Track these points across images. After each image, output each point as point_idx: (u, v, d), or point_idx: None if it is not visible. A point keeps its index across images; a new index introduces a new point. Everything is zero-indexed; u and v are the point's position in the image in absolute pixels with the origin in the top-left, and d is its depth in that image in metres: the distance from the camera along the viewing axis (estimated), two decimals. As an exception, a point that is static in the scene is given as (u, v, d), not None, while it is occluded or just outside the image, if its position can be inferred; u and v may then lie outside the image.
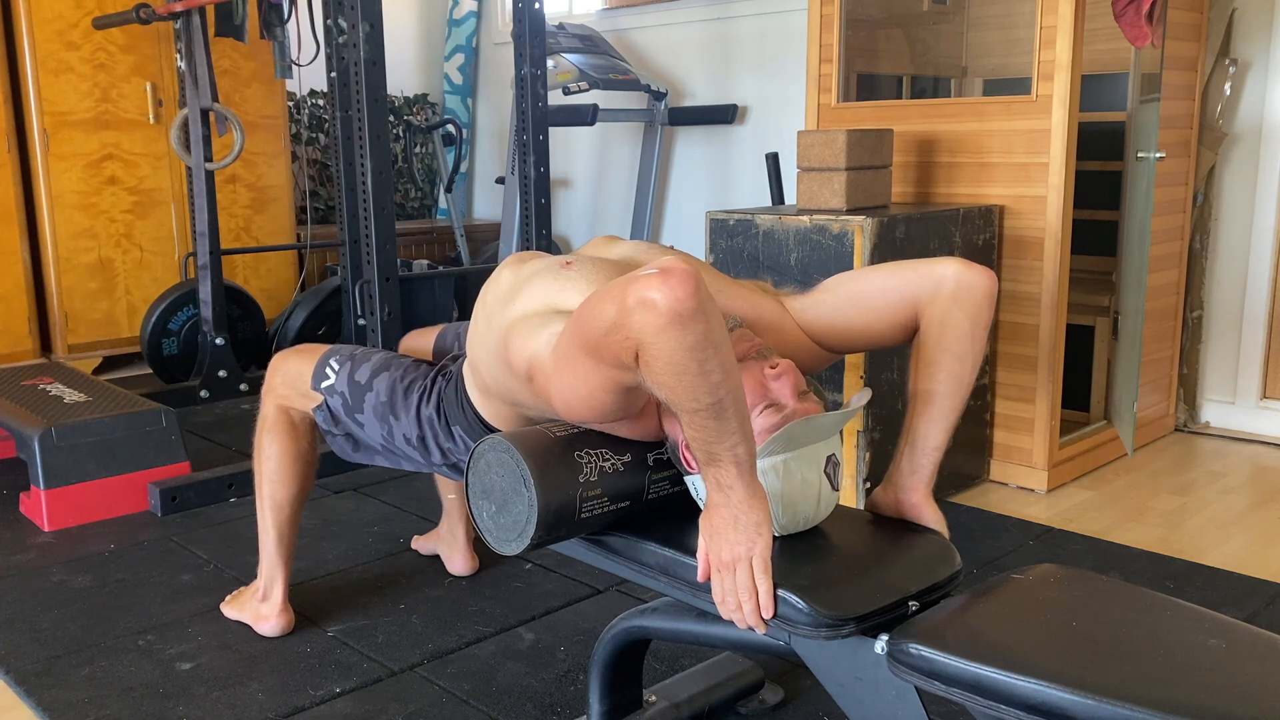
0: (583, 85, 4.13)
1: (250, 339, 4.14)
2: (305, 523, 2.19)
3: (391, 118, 5.30)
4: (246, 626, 2.09)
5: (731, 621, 1.26)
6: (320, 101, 5.31)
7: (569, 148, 5.12)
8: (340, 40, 3.12)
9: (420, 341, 2.11)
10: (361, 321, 2.94)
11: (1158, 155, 2.85)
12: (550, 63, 4.14)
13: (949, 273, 1.44)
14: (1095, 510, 2.75)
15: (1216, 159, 3.30)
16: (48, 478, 2.62)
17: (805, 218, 2.60)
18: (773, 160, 3.36)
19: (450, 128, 4.90)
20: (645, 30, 4.72)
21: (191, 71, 3.55)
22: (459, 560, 2.33)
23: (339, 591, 2.27)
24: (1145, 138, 2.87)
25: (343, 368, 1.86)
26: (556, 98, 4.08)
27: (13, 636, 2.07)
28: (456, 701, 1.82)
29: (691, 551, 1.30)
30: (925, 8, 3.46)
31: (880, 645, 1.21)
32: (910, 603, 1.26)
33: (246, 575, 2.29)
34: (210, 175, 3.64)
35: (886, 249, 2.54)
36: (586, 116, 4.23)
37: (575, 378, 1.26)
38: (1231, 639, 1.14)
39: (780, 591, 1.22)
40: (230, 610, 2.14)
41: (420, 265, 4.11)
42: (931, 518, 1.44)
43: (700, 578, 1.27)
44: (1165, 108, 3.01)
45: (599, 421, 1.38)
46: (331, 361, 1.89)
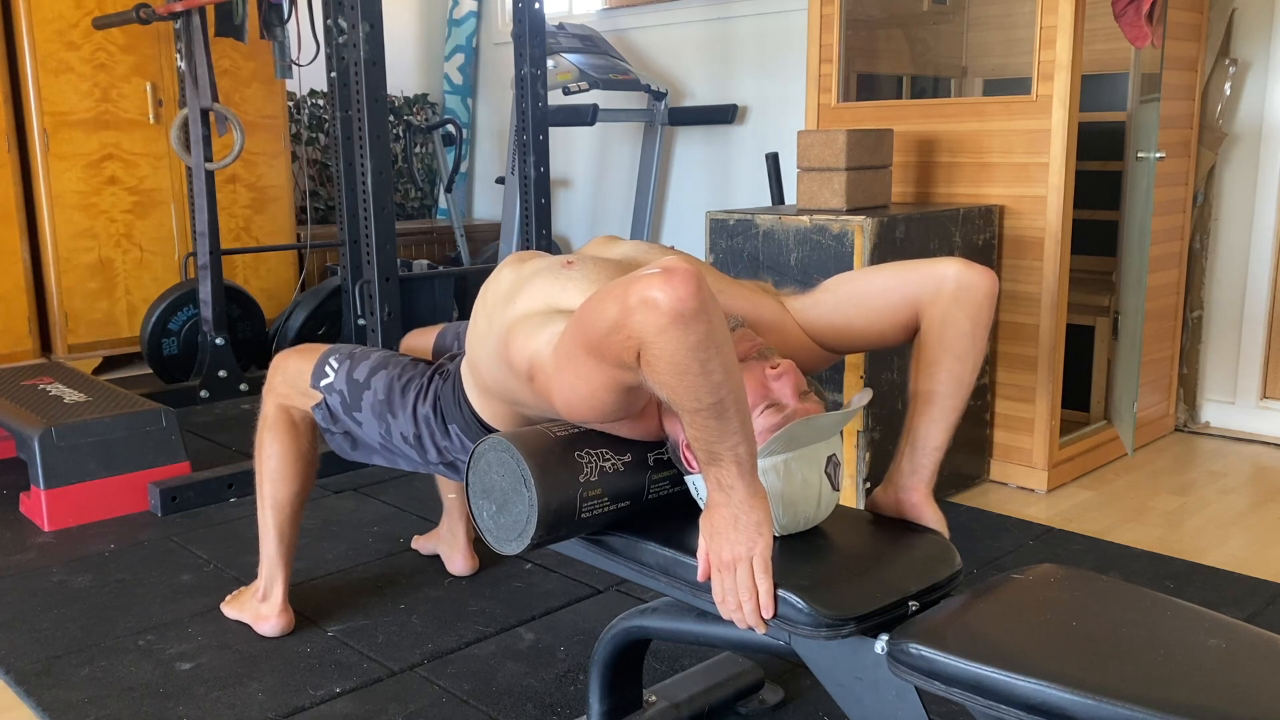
0: (583, 85, 4.13)
1: (250, 339, 4.14)
2: (305, 523, 2.19)
3: (391, 118, 5.30)
4: (246, 626, 2.09)
5: (731, 621, 1.26)
6: (320, 101, 5.30)
7: (569, 148, 5.12)
8: (340, 40, 3.12)
9: (420, 341, 2.12)
10: (361, 321, 2.94)
11: (1158, 155, 2.85)
12: (550, 63, 4.14)
13: (950, 273, 1.44)
14: (1095, 510, 2.75)
15: (1216, 159, 3.30)
16: (48, 478, 2.62)
17: (805, 218, 2.60)
18: (773, 160, 3.36)
19: (450, 128, 4.90)
20: (645, 30, 4.72)
21: (191, 71, 3.55)
22: (459, 560, 2.33)
23: (339, 591, 2.27)
24: (1145, 138, 2.87)
25: (341, 366, 1.86)
26: (556, 98, 4.08)
27: (13, 636, 2.07)
28: (456, 701, 1.82)
29: (691, 551, 1.30)
30: (925, 8, 3.46)
31: (880, 645, 1.21)
32: (910, 603, 1.26)
33: (246, 575, 2.29)
34: (210, 175, 3.64)
35: (886, 249, 2.54)
36: (586, 116, 4.23)
37: (576, 377, 1.26)
38: (1231, 639, 1.14)
39: (780, 591, 1.22)
40: (230, 610, 2.14)
41: (420, 265, 4.11)
42: (932, 518, 1.45)
43: (700, 577, 1.27)
44: (1165, 108, 3.01)
45: (600, 421, 1.38)
46: (331, 360, 1.89)
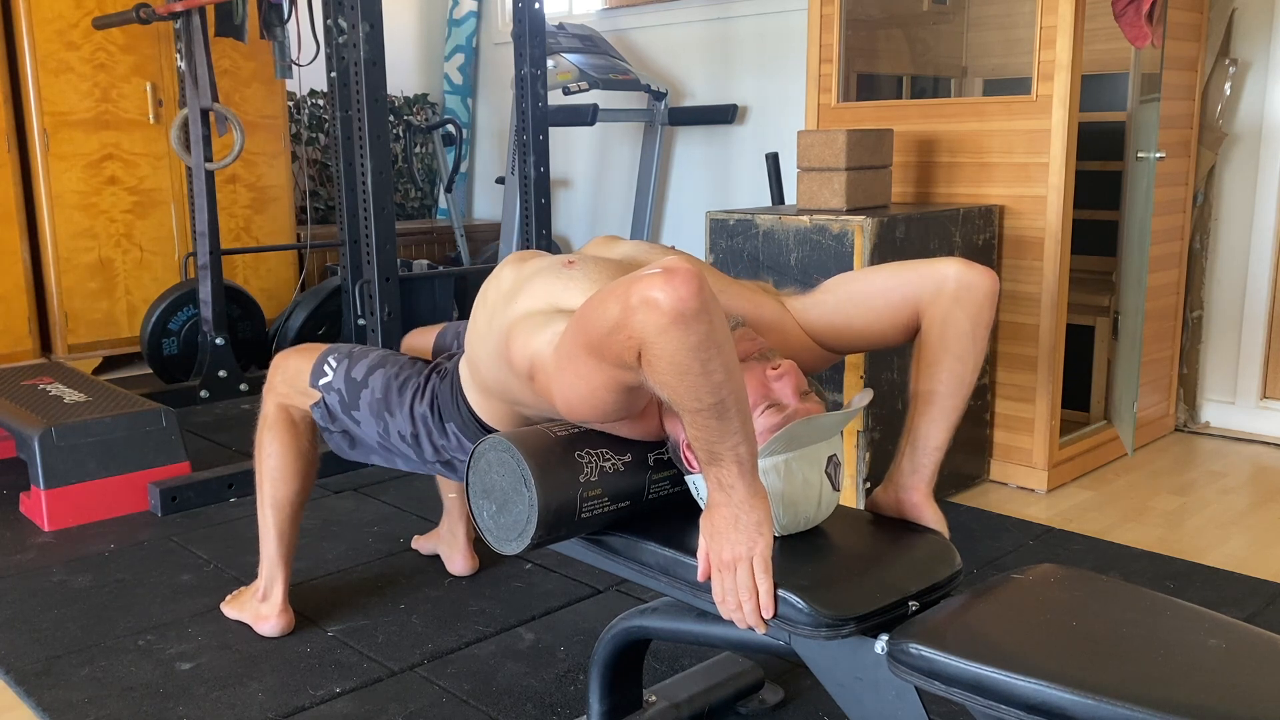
0: (583, 85, 4.13)
1: (250, 339, 4.14)
2: (305, 523, 2.19)
3: (391, 118, 5.30)
4: (246, 626, 2.09)
5: (731, 621, 1.26)
6: (320, 101, 5.30)
7: (569, 148, 5.12)
8: (340, 40, 3.12)
9: (421, 340, 2.12)
10: (361, 321, 2.94)
11: (1158, 155, 2.85)
12: (550, 63, 4.14)
13: (950, 273, 1.44)
14: (1095, 510, 2.75)
15: (1216, 159, 3.30)
16: (48, 478, 2.62)
17: (805, 218, 2.60)
18: (773, 160, 3.36)
19: (450, 128, 4.90)
20: (645, 30, 4.72)
21: (191, 71, 3.55)
22: (459, 560, 2.33)
23: (339, 591, 2.27)
24: (1145, 138, 2.87)
25: (340, 365, 1.86)
26: (556, 98, 4.08)
27: (13, 636, 2.07)
28: (456, 701, 1.82)
29: (691, 551, 1.30)
30: (925, 8, 3.46)
31: (880, 645, 1.21)
32: (910, 603, 1.26)
33: (246, 575, 2.29)
34: (210, 175, 3.64)
35: (886, 249, 2.54)
36: (586, 116, 4.23)
37: (577, 377, 1.26)
38: (1231, 639, 1.14)
39: (780, 591, 1.22)
40: (230, 610, 2.14)
41: (420, 265, 4.12)
42: (932, 518, 1.44)
43: (700, 577, 1.27)
44: (1165, 108, 3.01)
45: (600, 421, 1.38)
46: (330, 359, 1.89)
